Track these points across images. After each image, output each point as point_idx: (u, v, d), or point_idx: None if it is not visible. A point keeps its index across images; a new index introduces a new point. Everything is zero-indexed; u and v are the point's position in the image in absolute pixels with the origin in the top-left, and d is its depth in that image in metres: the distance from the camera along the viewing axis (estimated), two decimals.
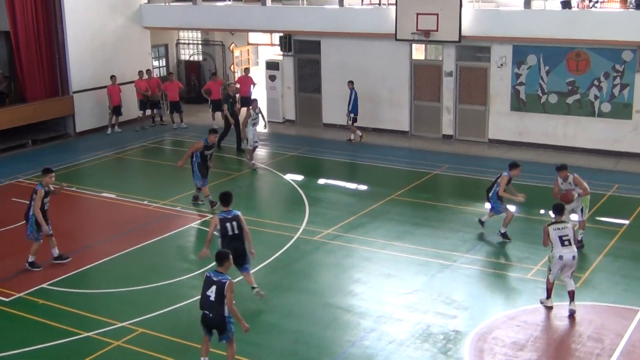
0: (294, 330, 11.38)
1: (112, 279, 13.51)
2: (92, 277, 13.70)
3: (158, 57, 28.92)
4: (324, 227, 15.54)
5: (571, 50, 20.32)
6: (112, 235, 15.57)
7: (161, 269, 13.92)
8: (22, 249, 14.70)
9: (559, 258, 11.52)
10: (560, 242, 11.55)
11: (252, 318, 11.76)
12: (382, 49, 22.92)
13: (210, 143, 16.81)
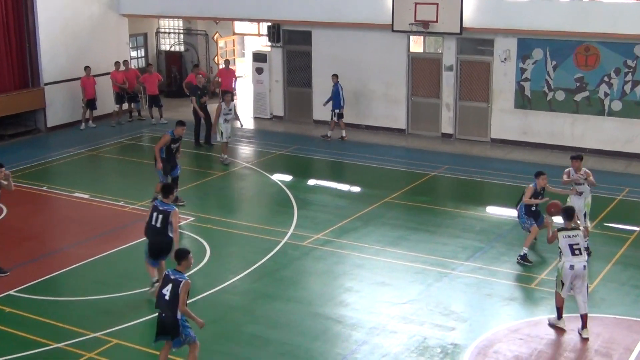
0: (280, 342, 11.37)
1: (85, 286, 13.46)
2: (63, 284, 13.66)
3: (136, 47, 28.87)
4: (313, 231, 15.54)
5: (580, 44, 20.40)
6: (85, 239, 15.53)
7: (138, 275, 13.83)
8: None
9: (569, 268, 11.27)
10: (571, 250, 11.35)
11: (236, 329, 11.79)
12: (378, 41, 22.95)
13: (177, 136, 16.70)
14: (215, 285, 13.24)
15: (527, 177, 18.72)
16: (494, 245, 14.89)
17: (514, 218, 16.19)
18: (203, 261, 14.22)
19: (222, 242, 15.28)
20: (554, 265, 13.76)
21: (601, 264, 13.95)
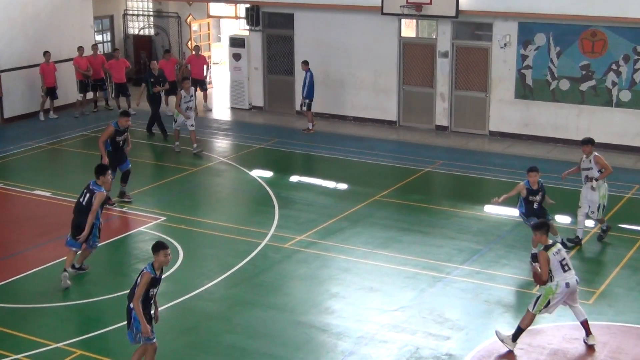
0: (260, 353, 11.39)
1: (46, 292, 13.41)
2: (21, 289, 13.61)
3: (101, 31, 28.79)
4: (296, 232, 15.57)
5: (586, 29, 20.50)
6: (46, 240, 15.49)
7: (104, 280, 13.87)
8: None
9: (565, 287, 11.14)
10: (562, 268, 11.21)
11: (211, 339, 11.80)
12: (366, 25, 23.00)
13: (122, 127, 16.74)
14: (189, 291, 13.24)
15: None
16: (492, 247, 14.97)
17: (514, 218, 16.31)
18: (175, 265, 14.20)
19: (197, 244, 15.28)
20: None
21: (608, 267, 14.07)
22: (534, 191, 13.98)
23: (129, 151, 17.21)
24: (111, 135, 16.59)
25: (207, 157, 20.53)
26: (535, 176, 13.95)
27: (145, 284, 10.10)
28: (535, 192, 13.99)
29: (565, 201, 17.08)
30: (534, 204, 14.03)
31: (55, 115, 24.46)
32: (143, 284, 10.08)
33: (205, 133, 22.83)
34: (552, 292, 11.11)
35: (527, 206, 14.07)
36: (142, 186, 18.29)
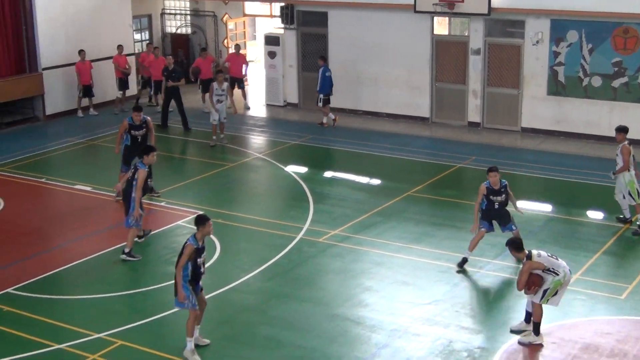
0: (295, 345, 11.44)
1: (88, 284, 13.57)
2: (64, 281, 13.76)
3: (140, 30, 28.98)
4: (330, 227, 15.60)
5: (618, 26, 20.31)
6: (87, 234, 15.65)
7: (143, 272, 13.99)
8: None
9: (569, 273, 11.25)
10: (556, 259, 11.26)
11: (248, 331, 11.87)
12: (399, 23, 22.95)
13: (136, 122, 16.78)
14: (226, 283, 13.32)
15: (561, 169, 18.81)
16: (524, 241, 14.81)
17: (547, 213, 16.27)
18: (213, 258, 14.28)
19: (233, 238, 15.34)
20: (590, 263, 13.84)
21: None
22: (495, 191, 13.50)
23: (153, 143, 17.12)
24: (126, 129, 16.75)
25: (243, 153, 20.63)
26: (496, 176, 13.44)
27: (188, 254, 10.76)
28: (496, 192, 13.51)
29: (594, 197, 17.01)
30: (495, 204, 13.58)
31: (95, 112, 24.66)
32: (186, 255, 10.75)
33: (241, 129, 22.94)
34: (560, 283, 11.13)
35: (488, 204, 13.61)
36: (181, 181, 18.43)
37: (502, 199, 13.58)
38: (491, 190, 13.52)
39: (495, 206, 13.60)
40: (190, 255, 10.80)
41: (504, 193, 13.57)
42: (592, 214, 16.26)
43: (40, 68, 23.99)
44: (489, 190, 13.53)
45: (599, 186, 17.87)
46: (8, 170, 19.35)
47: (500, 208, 13.63)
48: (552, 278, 11.07)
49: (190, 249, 10.80)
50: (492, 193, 13.53)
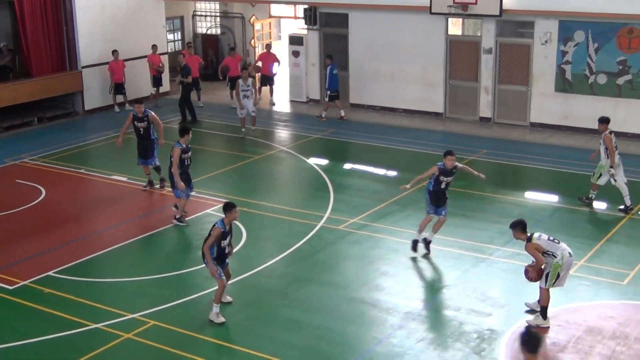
0: (315, 326, 11.47)
1: (122, 268, 13.67)
2: (101, 265, 13.85)
3: (173, 30, 29.09)
4: (349, 215, 15.59)
5: (623, 27, 20.13)
6: (123, 221, 15.75)
7: (174, 257, 14.07)
8: (27, 234, 14.99)
9: (569, 255, 11.10)
10: (555, 243, 11.17)
11: (271, 313, 11.90)
12: (416, 23, 22.87)
13: (138, 114, 16.90)
14: (251, 268, 13.36)
15: (568, 162, 18.71)
16: (532, 230, 14.70)
17: (553, 204, 16.18)
18: (239, 244, 14.32)
19: (258, 225, 15.37)
20: (595, 250, 13.76)
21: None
22: (447, 172, 13.48)
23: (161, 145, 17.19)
24: (131, 121, 16.96)
25: (268, 146, 20.66)
26: (452, 160, 13.46)
27: (215, 236, 11.26)
28: (448, 173, 13.51)
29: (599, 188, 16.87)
30: (442, 184, 13.56)
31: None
32: (213, 236, 11.26)
33: (267, 124, 22.97)
34: (559, 265, 11.05)
35: (435, 185, 13.60)
36: (210, 172, 18.49)
37: (451, 179, 13.60)
38: (443, 170, 13.48)
39: (442, 186, 13.59)
40: (217, 237, 11.28)
41: (454, 174, 13.61)
42: (596, 205, 16.14)
43: (79, 66, 24.12)
44: (441, 171, 13.48)
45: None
46: (49, 161, 19.51)
47: (446, 188, 13.66)
48: (550, 261, 11.03)
49: (218, 232, 11.25)
50: (444, 174, 13.50)
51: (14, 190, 17.49)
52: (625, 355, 10.57)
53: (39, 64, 23.48)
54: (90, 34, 24.20)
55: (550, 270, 11.07)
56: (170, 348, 10.90)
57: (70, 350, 10.87)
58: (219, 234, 11.28)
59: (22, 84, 23.07)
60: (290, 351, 10.79)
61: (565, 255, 11.08)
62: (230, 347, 10.88)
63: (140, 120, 16.88)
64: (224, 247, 11.47)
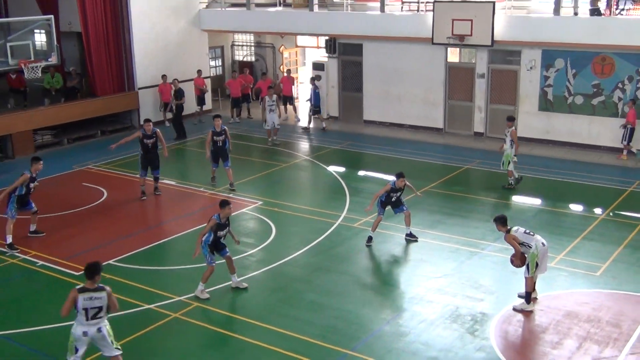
0: (334, 308, 11.48)
1: (172, 257, 13.75)
2: (153, 255, 13.94)
3: (214, 58, 29.20)
4: (363, 215, 15.54)
5: (597, 55, 19.99)
6: (172, 218, 15.84)
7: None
8: (91, 228, 15.11)
9: (542, 245, 11.08)
10: (530, 235, 11.13)
11: (296, 297, 11.91)
12: (420, 52, 22.82)
13: (147, 132, 16.52)
14: (280, 258, 13.39)
15: (549, 170, 18.61)
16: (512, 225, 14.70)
17: (537, 206, 16.10)
18: (269, 239, 14.37)
19: (286, 222, 15.40)
20: (572, 246, 13.66)
21: (613, 246, 13.71)
22: (396, 190, 13.78)
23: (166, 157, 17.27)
24: (139, 137, 16.58)
25: (294, 156, 20.69)
26: (403, 181, 13.73)
27: (210, 226, 11.51)
28: (397, 190, 13.81)
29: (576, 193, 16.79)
30: (392, 198, 13.86)
31: None
32: (209, 226, 11.54)
33: (293, 137, 23.00)
34: (535, 255, 11.03)
35: (386, 198, 13.87)
36: (244, 177, 18.54)
37: (399, 194, 13.89)
38: (394, 189, 13.78)
39: (393, 199, 13.90)
40: (212, 227, 11.52)
41: (402, 191, 13.90)
42: (574, 207, 16.04)
43: (136, 88, 24.28)
44: (392, 189, 13.78)
45: (580, 184, 17.63)
46: (111, 168, 19.64)
47: (397, 200, 13.92)
48: (527, 251, 11.02)
49: (213, 222, 11.52)
50: (394, 191, 13.82)
51: (81, 191, 17.63)
52: (598, 336, 10.50)
53: (102, 85, 23.67)
54: (145, 61, 24.36)
55: (529, 261, 11.05)
56: (210, 326, 10.96)
57: (128, 327, 10.94)
58: (214, 224, 11.53)
59: (88, 103, 23.25)
60: (313, 329, 10.80)
61: (539, 246, 11.06)
62: (261, 325, 10.90)
63: (149, 137, 16.57)
64: (219, 237, 11.69)
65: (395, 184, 13.71)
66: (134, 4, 23.67)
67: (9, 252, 13.73)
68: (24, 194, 13.92)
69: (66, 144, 22.42)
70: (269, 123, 21.57)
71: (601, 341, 10.36)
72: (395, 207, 14.04)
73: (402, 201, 14.09)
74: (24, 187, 13.84)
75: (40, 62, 18.83)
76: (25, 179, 13.79)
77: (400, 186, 13.76)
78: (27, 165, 14.26)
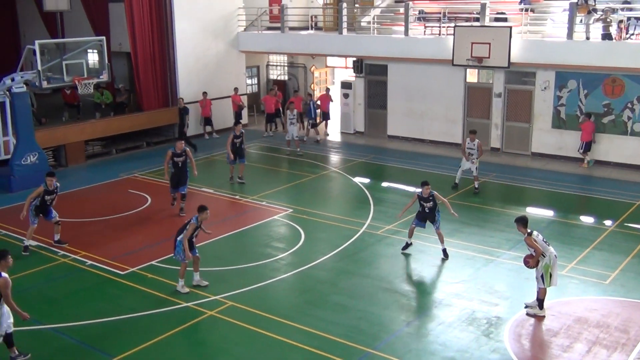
0: (358, 309, 11.40)
1: (208, 260, 13.72)
2: None
3: (251, 77, 29.34)
4: (385, 223, 15.49)
5: (608, 77, 19.71)
6: (209, 224, 15.79)
7: (247, 253, 14.12)
8: (136, 231, 15.21)
9: (555, 258, 10.89)
10: (547, 244, 10.94)
11: (323, 298, 11.85)
12: (440, 73, 22.71)
13: (177, 150, 15.87)
14: (308, 262, 13.35)
15: (561, 184, 18.35)
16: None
17: (549, 217, 15.87)
18: (298, 244, 14.34)
19: (314, 229, 15.35)
20: (583, 255, 13.42)
21: (621, 256, 13.44)
22: (424, 199, 13.45)
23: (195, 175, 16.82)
24: (170, 157, 15.92)
25: (323, 167, 20.65)
26: (427, 189, 13.39)
27: (191, 230, 11.71)
28: (425, 199, 13.44)
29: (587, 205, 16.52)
30: (425, 208, 13.51)
31: (217, 136, 25.01)
32: (190, 230, 11.70)
33: (323, 150, 22.99)
34: (549, 266, 10.84)
35: (420, 209, 13.59)
36: (276, 187, 18.57)
37: (430, 205, 13.46)
38: (421, 197, 13.50)
39: (426, 210, 13.52)
40: (193, 230, 11.72)
41: (431, 201, 13.46)
42: (585, 219, 15.78)
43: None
44: (419, 197, 13.53)
45: (591, 197, 17.37)
46: (154, 176, 19.79)
47: (430, 211, 13.51)
48: (541, 261, 10.78)
49: (193, 226, 11.72)
50: (422, 199, 13.51)
51: (127, 198, 17.77)
52: (607, 341, 10.28)
53: (148, 101, 23.90)
54: (187, 79, 24.55)
55: (543, 272, 10.84)
56: (243, 323, 10.93)
57: (167, 323, 10.99)
58: (194, 227, 11.70)
59: (135, 116, 23.49)
60: (337, 328, 10.73)
61: (552, 257, 10.87)
62: (289, 324, 10.85)
63: (179, 156, 15.95)
64: (192, 238, 11.89)
65: (422, 193, 13.50)
66: (179, 27, 23.92)
67: (25, 253, 13.74)
68: (40, 205, 13.83)
69: (114, 154, 22.67)
70: (289, 134, 21.97)
71: (610, 346, 10.14)
72: (431, 221, 13.60)
73: (437, 217, 13.54)
74: (39, 199, 13.78)
75: (92, 79, 19.06)
76: (40, 192, 13.73)
77: (425, 194, 13.43)
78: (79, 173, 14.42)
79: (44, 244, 14.27)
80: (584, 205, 16.90)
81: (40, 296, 12.08)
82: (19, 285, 12.49)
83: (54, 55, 18.48)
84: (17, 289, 12.29)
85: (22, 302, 11.76)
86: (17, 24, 29.56)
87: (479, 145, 17.51)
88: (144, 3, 23.17)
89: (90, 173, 20.28)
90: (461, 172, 18.01)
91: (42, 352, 10.18)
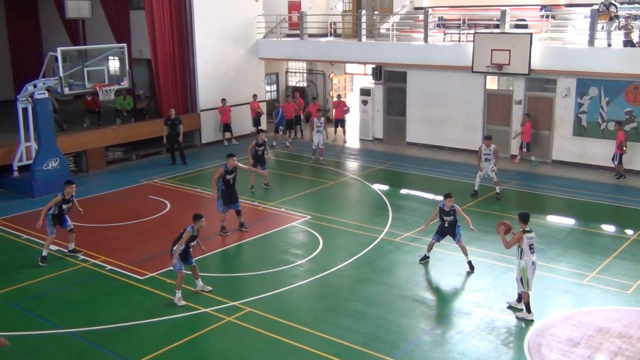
0: (376, 317, 11.35)
1: (225, 265, 13.80)
2: (210, 263, 13.94)
3: (270, 83, 29.45)
4: (404, 230, 15.44)
5: (630, 84, 19.50)
6: (228, 230, 15.90)
7: (266, 259, 14.13)
8: (155, 237, 15.28)
9: (532, 264, 11.04)
10: (530, 249, 11.01)
11: (341, 305, 11.82)
12: (460, 80, 22.63)
13: (230, 167, 14.98)
14: (326, 269, 13.33)
15: (582, 192, 18.17)
16: (552, 247, 14.39)
17: (570, 226, 15.71)
18: (317, 250, 14.32)
19: (333, 236, 15.34)
20: (604, 264, 13.26)
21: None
22: (445, 212, 13.13)
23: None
24: (221, 175, 14.96)
25: (341, 174, 20.65)
26: (450, 201, 13.05)
27: (186, 239, 11.51)
28: (446, 213, 13.13)
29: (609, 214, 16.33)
30: (445, 222, 13.20)
31: (236, 142, 25.11)
32: (185, 239, 11.49)
33: (341, 157, 23.00)
34: (525, 270, 11.08)
35: (440, 223, 13.29)
36: (295, 193, 18.58)
37: (451, 219, 13.15)
38: (443, 210, 13.17)
39: (445, 224, 13.23)
40: (188, 239, 11.54)
41: (452, 215, 13.15)
42: (607, 227, 15.60)
43: (198, 110, 24.62)
44: (441, 210, 13.21)
45: (612, 206, 17.17)
46: (174, 182, 19.92)
47: (450, 225, 13.21)
48: (517, 261, 11.14)
49: (188, 235, 11.52)
50: (443, 212, 13.18)
51: (147, 203, 17.89)
52: (629, 352, 10.13)
53: (168, 107, 23.96)
54: (207, 85, 24.70)
55: (522, 277, 11.13)
56: (261, 330, 10.93)
57: (185, 328, 11.03)
58: (189, 236, 11.54)
59: (155, 123, 23.56)
60: (355, 336, 10.69)
61: (529, 264, 11.08)
62: (307, 331, 10.83)
63: (231, 173, 15.04)
64: (189, 247, 11.73)
65: (444, 205, 13.21)
66: (199, 35, 24.09)
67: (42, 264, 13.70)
68: (57, 214, 13.88)
69: (135, 159, 22.84)
70: (315, 143, 21.78)
71: (632, 357, 9.99)
72: (443, 234, 13.41)
73: (457, 231, 13.33)
74: (56, 208, 13.84)
75: (113, 85, 19.23)
76: (57, 201, 13.76)
77: (447, 207, 13.12)
78: (99, 179, 14.53)
79: (64, 248, 14.39)
80: (605, 214, 16.70)
81: (59, 300, 12.18)
82: (39, 289, 12.63)
83: (75, 62, 18.68)
84: (37, 293, 12.46)
85: (42, 306, 11.90)
86: (39, 31, 29.95)
87: (495, 150, 17.47)
88: (165, 10, 23.38)
89: (111, 179, 20.45)
90: (479, 179, 17.95)
91: (61, 356, 10.25)
